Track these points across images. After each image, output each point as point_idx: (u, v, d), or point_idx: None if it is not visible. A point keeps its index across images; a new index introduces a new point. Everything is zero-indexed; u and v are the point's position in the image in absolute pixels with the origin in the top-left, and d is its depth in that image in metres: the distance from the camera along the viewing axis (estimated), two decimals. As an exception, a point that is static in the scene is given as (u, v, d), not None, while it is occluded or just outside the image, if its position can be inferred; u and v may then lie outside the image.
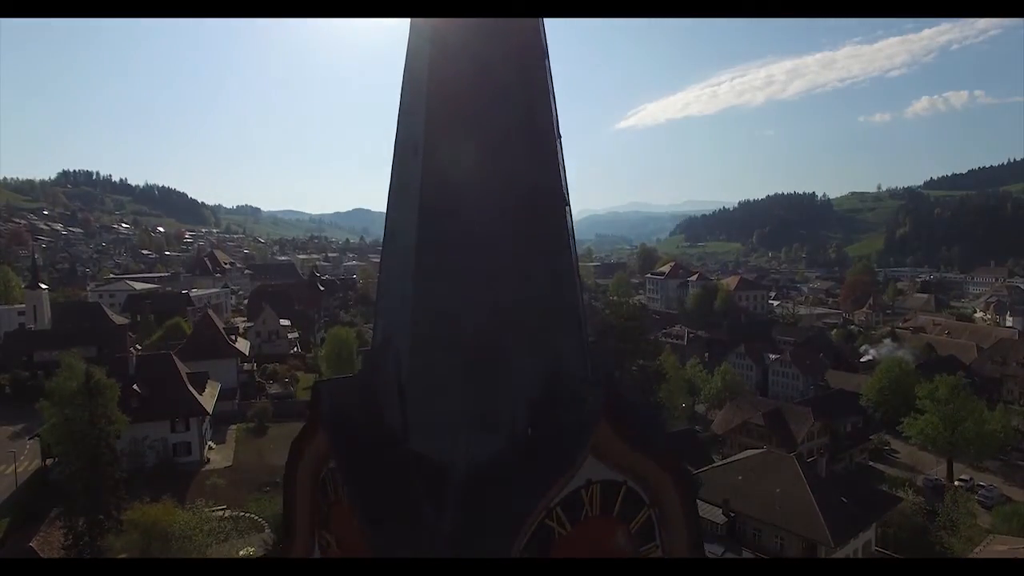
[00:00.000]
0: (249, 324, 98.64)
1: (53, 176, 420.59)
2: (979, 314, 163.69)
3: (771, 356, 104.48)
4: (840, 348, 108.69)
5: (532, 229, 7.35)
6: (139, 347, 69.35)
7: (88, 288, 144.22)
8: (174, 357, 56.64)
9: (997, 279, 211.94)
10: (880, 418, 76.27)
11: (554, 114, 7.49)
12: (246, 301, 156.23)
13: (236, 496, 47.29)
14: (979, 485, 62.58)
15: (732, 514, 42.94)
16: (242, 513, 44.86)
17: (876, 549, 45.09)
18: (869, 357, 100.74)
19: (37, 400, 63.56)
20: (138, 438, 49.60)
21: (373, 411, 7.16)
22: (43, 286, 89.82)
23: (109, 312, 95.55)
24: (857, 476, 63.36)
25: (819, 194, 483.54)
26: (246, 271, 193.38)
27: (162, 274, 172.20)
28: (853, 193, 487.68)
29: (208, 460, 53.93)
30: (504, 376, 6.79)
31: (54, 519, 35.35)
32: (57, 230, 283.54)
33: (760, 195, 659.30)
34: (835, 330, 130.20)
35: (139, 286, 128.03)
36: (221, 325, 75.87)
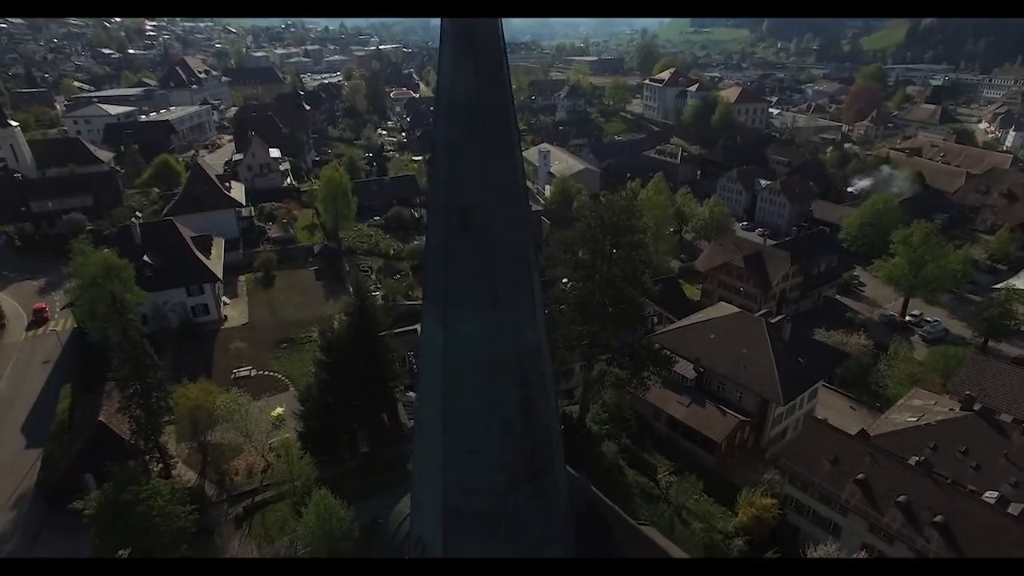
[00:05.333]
0: (239, 156, 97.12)
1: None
2: (983, 125, 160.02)
3: (762, 182, 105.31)
4: (830, 177, 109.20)
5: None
6: (139, 214, 69.61)
7: (57, 109, 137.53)
8: (176, 224, 57.65)
9: (1016, 81, 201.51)
10: (855, 252, 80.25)
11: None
12: (230, 114, 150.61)
13: (258, 355, 52.54)
14: (926, 320, 68.59)
15: (702, 370, 48.75)
16: (267, 372, 50.51)
17: (823, 384, 51.87)
18: (858, 188, 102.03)
19: (47, 252, 67.04)
20: (159, 303, 53.36)
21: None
22: (13, 123, 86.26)
23: (91, 148, 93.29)
24: (822, 313, 69.33)
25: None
26: (224, 78, 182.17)
27: (135, 90, 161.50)
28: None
29: (226, 318, 58.26)
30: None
31: (110, 393, 40.27)
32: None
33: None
34: (830, 150, 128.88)
35: (114, 110, 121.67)
36: (213, 174, 74.96)
